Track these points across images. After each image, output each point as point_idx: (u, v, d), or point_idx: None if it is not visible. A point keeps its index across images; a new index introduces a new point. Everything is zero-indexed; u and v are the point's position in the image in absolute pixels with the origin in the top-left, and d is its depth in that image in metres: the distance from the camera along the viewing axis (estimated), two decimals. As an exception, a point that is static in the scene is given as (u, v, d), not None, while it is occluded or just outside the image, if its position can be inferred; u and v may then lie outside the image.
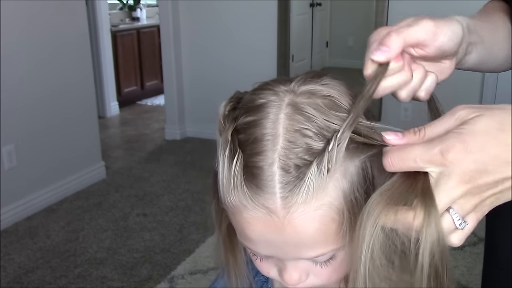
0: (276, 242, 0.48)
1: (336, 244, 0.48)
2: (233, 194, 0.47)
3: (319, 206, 0.46)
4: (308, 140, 0.46)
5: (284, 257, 0.50)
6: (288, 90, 0.50)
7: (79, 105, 3.22)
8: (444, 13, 2.40)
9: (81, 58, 3.21)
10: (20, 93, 2.79)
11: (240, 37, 3.94)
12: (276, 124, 0.47)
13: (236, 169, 0.46)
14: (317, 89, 0.50)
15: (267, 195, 0.46)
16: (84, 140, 3.29)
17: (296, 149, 0.46)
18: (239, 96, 0.54)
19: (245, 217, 0.48)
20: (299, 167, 0.45)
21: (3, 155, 2.72)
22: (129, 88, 5.46)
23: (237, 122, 0.49)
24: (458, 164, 0.39)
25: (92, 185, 3.33)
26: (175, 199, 3.13)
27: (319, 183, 0.45)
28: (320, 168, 0.44)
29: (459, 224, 0.41)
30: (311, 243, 0.48)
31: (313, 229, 0.46)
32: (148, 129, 4.69)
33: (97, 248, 2.58)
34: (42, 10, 2.88)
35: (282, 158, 0.45)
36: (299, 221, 0.46)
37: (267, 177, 0.46)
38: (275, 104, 0.48)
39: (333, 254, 0.50)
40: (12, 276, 2.35)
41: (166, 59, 4.12)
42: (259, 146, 0.47)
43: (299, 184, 0.45)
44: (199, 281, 2.28)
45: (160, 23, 4.10)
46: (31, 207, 2.92)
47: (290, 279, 0.51)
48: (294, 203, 0.45)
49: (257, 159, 0.46)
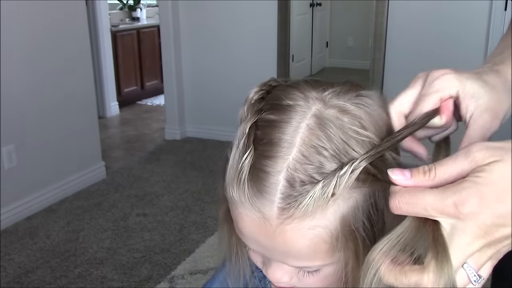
0: (264, 245, 0.48)
1: (323, 262, 0.48)
2: (235, 188, 0.47)
3: (313, 227, 0.45)
4: (322, 159, 0.45)
5: (270, 257, 0.51)
6: (318, 98, 0.48)
7: (79, 105, 3.22)
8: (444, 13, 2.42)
9: (81, 58, 3.21)
10: (20, 93, 2.79)
11: (240, 37, 3.94)
12: (295, 133, 0.46)
13: (244, 166, 0.46)
14: (347, 107, 0.47)
15: (266, 201, 0.45)
16: (84, 140, 3.29)
17: (307, 165, 0.45)
18: (273, 84, 0.52)
19: (241, 213, 0.48)
20: (304, 183, 0.44)
21: (3, 155, 2.72)
22: (129, 88, 5.46)
23: (259, 116, 0.48)
24: (473, 218, 0.36)
25: (92, 185, 3.33)
26: (175, 199, 3.13)
27: (319, 204, 0.44)
28: (325, 191, 0.43)
29: (474, 280, 0.38)
30: (297, 255, 0.47)
31: (302, 245, 0.46)
32: (148, 129, 4.69)
33: (97, 248, 2.58)
34: (42, 10, 2.88)
35: (291, 170, 0.45)
36: (290, 234, 0.45)
37: (271, 184, 0.45)
38: (301, 110, 0.47)
39: (319, 268, 0.50)
40: (12, 276, 2.35)
41: (166, 59, 4.12)
42: (272, 150, 0.46)
43: (299, 200, 0.44)
44: (199, 281, 2.28)
45: (160, 23, 4.10)
46: (31, 207, 2.92)
47: (273, 276, 0.52)
48: (290, 216, 0.45)
49: (266, 163, 0.45)
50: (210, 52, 4.06)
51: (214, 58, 4.06)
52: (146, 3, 6.14)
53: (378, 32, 3.52)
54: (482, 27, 3.29)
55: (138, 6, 5.89)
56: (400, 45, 3.50)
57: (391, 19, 3.48)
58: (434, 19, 3.36)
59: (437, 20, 3.36)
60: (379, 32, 3.52)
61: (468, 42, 3.33)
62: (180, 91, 4.20)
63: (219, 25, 3.98)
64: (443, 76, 0.49)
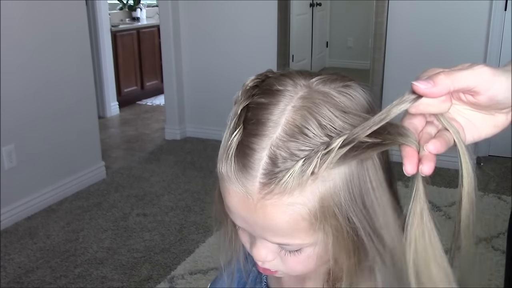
0: (247, 219, 0.50)
1: (303, 240, 0.50)
2: (223, 164, 0.50)
3: (292, 203, 0.47)
4: (304, 138, 0.47)
5: (253, 234, 0.53)
6: (306, 85, 0.51)
7: (79, 105, 3.22)
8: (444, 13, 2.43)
9: (81, 58, 3.21)
10: (20, 93, 2.79)
11: (240, 37, 3.94)
12: (282, 114, 0.48)
13: (233, 143, 0.49)
14: (331, 93, 0.50)
15: (249, 176, 0.48)
16: (84, 140, 3.29)
17: (290, 143, 0.47)
18: (268, 75, 0.55)
19: (227, 188, 0.50)
20: (285, 161, 0.47)
21: (3, 155, 2.72)
22: (129, 88, 5.46)
23: (251, 100, 0.51)
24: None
25: (92, 185, 3.33)
26: (175, 199, 3.13)
27: (298, 182, 0.46)
28: (305, 169, 0.45)
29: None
30: (277, 231, 0.49)
31: (281, 220, 0.48)
32: (148, 129, 4.69)
33: (97, 248, 2.58)
34: (42, 10, 2.88)
35: (273, 148, 0.47)
36: (270, 209, 0.48)
37: (255, 160, 0.47)
38: (289, 95, 0.50)
39: (300, 248, 0.52)
40: (12, 276, 2.35)
41: (166, 59, 4.12)
42: (259, 128, 0.48)
43: (279, 177, 0.46)
44: (199, 281, 2.28)
45: (160, 23, 4.10)
46: (31, 207, 2.92)
47: (257, 254, 0.54)
48: (270, 191, 0.47)
49: (252, 140, 0.48)
50: (210, 52, 4.06)
51: (214, 58, 4.06)
52: (146, 3, 6.14)
53: (378, 32, 3.52)
54: (482, 27, 3.29)
55: (138, 6, 5.89)
56: (400, 45, 3.50)
57: (391, 19, 3.48)
58: (434, 19, 3.36)
59: (437, 20, 3.36)
60: (379, 32, 3.52)
61: (468, 42, 3.33)
62: (180, 91, 4.20)
63: (219, 25, 3.98)
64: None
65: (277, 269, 0.56)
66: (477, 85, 0.46)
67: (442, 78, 0.45)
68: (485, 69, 0.46)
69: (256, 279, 0.69)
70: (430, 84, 0.44)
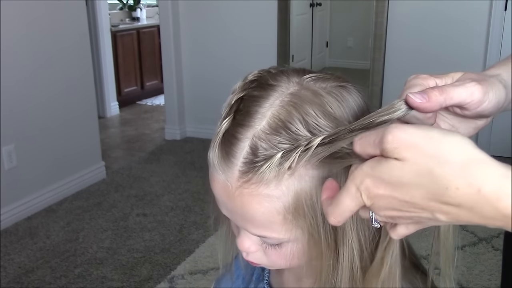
0: (228, 207, 0.52)
1: (279, 234, 0.51)
2: (211, 150, 0.52)
3: (267, 195, 0.48)
4: (287, 133, 0.48)
5: (236, 223, 0.54)
6: (298, 82, 0.52)
7: (79, 105, 3.22)
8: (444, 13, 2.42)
9: (81, 58, 3.21)
10: (20, 93, 2.79)
11: (240, 37, 3.94)
12: (270, 107, 0.50)
13: (221, 131, 0.51)
14: (320, 92, 0.50)
15: (230, 164, 0.49)
16: (84, 140, 3.29)
17: (272, 136, 0.48)
18: (270, 70, 0.56)
19: (212, 174, 0.53)
20: (265, 152, 0.48)
21: (3, 155, 2.72)
22: (129, 88, 5.46)
23: (245, 92, 0.53)
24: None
25: (92, 185, 3.33)
26: (175, 199, 3.13)
27: (275, 174, 0.47)
28: (282, 163, 0.46)
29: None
30: (254, 222, 0.51)
31: (257, 211, 0.49)
32: (148, 129, 4.69)
33: (97, 248, 2.58)
34: (42, 10, 2.88)
35: (255, 139, 0.48)
36: (247, 198, 0.49)
37: (237, 149, 0.49)
38: (280, 90, 0.51)
39: (279, 242, 0.53)
40: (12, 276, 2.35)
41: (166, 59, 4.12)
42: (246, 119, 0.50)
43: (257, 167, 0.47)
44: (199, 281, 2.28)
45: (160, 23, 4.10)
46: (31, 207, 2.92)
47: (241, 245, 0.55)
48: (248, 180, 0.48)
49: (238, 130, 0.50)
50: (210, 52, 4.06)
51: (214, 58, 4.06)
52: (146, 3, 6.14)
53: (378, 32, 3.52)
54: (482, 27, 3.29)
55: (138, 6, 5.89)
56: (400, 45, 3.50)
57: (391, 19, 3.48)
58: (434, 19, 3.36)
59: (437, 20, 3.36)
60: (379, 32, 3.52)
61: (468, 42, 3.33)
62: (180, 91, 4.20)
63: (219, 25, 3.98)
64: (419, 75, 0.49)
65: (261, 262, 0.57)
66: (468, 103, 0.46)
67: (437, 95, 0.44)
68: (477, 87, 0.46)
69: (260, 277, 0.70)
70: (425, 99, 0.43)
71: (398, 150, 0.38)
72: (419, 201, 0.38)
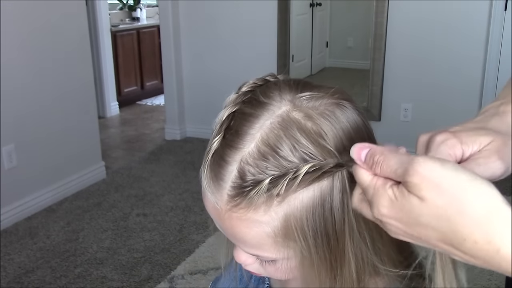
0: (220, 226, 0.52)
1: (271, 254, 0.50)
2: (202, 169, 0.51)
3: (256, 220, 0.48)
4: (275, 159, 0.47)
5: (229, 239, 0.54)
6: (290, 100, 0.49)
7: (79, 105, 3.22)
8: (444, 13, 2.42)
9: (81, 58, 3.21)
10: (20, 93, 2.79)
11: (240, 37, 3.94)
12: (259, 129, 0.48)
13: (211, 151, 0.50)
14: (312, 114, 0.48)
15: (219, 187, 0.49)
16: (84, 140, 3.29)
17: (260, 161, 0.47)
18: (269, 79, 0.54)
19: (204, 192, 0.52)
20: (253, 178, 0.47)
21: (3, 155, 2.72)
22: (129, 88, 5.46)
23: (238, 107, 0.51)
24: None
25: (92, 185, 3.33)
26: (175, 199, 3.13)
27: (263, 200, 0.46)
28: (271, 189, 0.46)
29: None
30: (244, 243, 0.50)
31: (246, 234, 0.49)
32: (148, 129, 4.69)
33: (97, 248, 2.58)
34: (42, 10, 2.88)
35: (243, 163, 0.47)
36: (235, 221, 0.49)
37: (226, 172, 0.48)
38: (271, 109, 0.49)
39: (274, 259, 0.52)
40: (12, 276, 2.35)
41: (166, 59, 4.12)
42: (235, 140, 0.48)
43: (246, 192, 0.47)
44: (199, 281, 2.28)
45: (160, 23, 4.10)
46: (31, 207, 2.92)
47: (237, 258, 0.55)
48: (236, 205, 0.48)
49: (227, 152, 0.48)
50: (210, 52, 4.06)
51: (214, 58, 4.06)
52: (146, 3, 6.14)
53: (378, 32, 3.52)
54: (482, 27, 3.29)
55: (138, 6, 5.89)
56: (400, 45, 3.50)
57: (391, 19, 3.48)
58: (434, 19, 3.36)
59: (437, 20, 3.36)
60: (379, 32, 3.52)
61: (468, 42, 3.33)
62: (180, 91, 4.20)
63: (219, 25, 3.98)
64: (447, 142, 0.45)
65: (259, 272, 0.56)
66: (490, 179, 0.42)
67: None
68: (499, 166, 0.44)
69: (260, 279, 0.69)
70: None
71: (419, 187, 0.36)
72: (433, 242, 0.37)
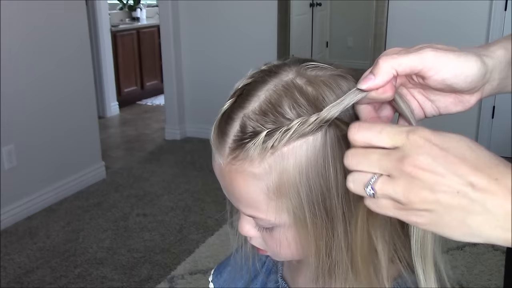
0: (223, 185, 0.55)
1: (267, 216, 0.52)
2: (212, 129, 0.54)
3: (251, 172, 0.50)
4: (274, 115, 0.50)
5: (232, 203, 0.56)
6: (296, 70, 0.53)
7: (79, 105, 3.22)
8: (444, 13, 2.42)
9: (81, 58, 3.21)
10: (20, 93, 2.79)
11: (240, 37, 3.94)
12: (265, 91, 0.52)
13: (221, 111, 0.54)
14: (315, 80, 0.52)
15: (223, 142, 0.52)
16: (84, 140, 3.29)
17: (260, 116, 0.50)
18: (285, 62, 0.56)
19: (213, 153, 0.54)
20: (252, 132, 0.50)
21: (3, 155, 2.72)
22: (129, 88, 5.46)
23: (252, 79, 0.55)
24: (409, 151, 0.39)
25: (92, 185, 3.33)
26: (175, 199, 3.13)
27: (259, 152, 0.49)
28: (266, 141, 0.48)
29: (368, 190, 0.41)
30: (241, 200, 0.53)
31: (242, 188, 0.51)
32: (148, 129, 4.69)
33: (97, 248, 2.58)
34: (42, 10, 2.88)
35: (245, 118, 0.51)
36: (233, 174, 0.51)
37: (231, 128, 0.51)
38: (279, 77, 0.52)
39: (271, 226, 0.53)
40: (12, 276, 2.35)
41: (166, 59, 4.12)
42: (243, 101, 0.52)
43: (243, 144, 0.50)
44: (199, 281, 2.28)
45: (160, 23, 4.10)
46: (31, 207, 2.92)
47: (241, 229, 0.58)
48: (235, 157, 0.51)
49: (234, 110, 0.52)
50: (210, 52, 4.06)
51: (214, 58, 4.06)
52: (146, 3, 6.14)
53: (378, 32, 3.52)
54: (482, 27, 3.29)
55: (138, 6, 5.89)
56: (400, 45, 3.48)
57: (391, 19, 3.48)
58: (434, 19, 3.36)
59: (437, 20, 3.36)
60: (379, 32, 3.52)
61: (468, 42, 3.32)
62: (180, 91, 4.20)
63: (219, 25, 3.98)
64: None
65: (263, 248, 0.58)
66: (421, 70, 0.46)
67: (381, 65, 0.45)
68: (430, 53, 0.45)
69: (271, 270, 0.70)
70: (371, 80, 0.45)
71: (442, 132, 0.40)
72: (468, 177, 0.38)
